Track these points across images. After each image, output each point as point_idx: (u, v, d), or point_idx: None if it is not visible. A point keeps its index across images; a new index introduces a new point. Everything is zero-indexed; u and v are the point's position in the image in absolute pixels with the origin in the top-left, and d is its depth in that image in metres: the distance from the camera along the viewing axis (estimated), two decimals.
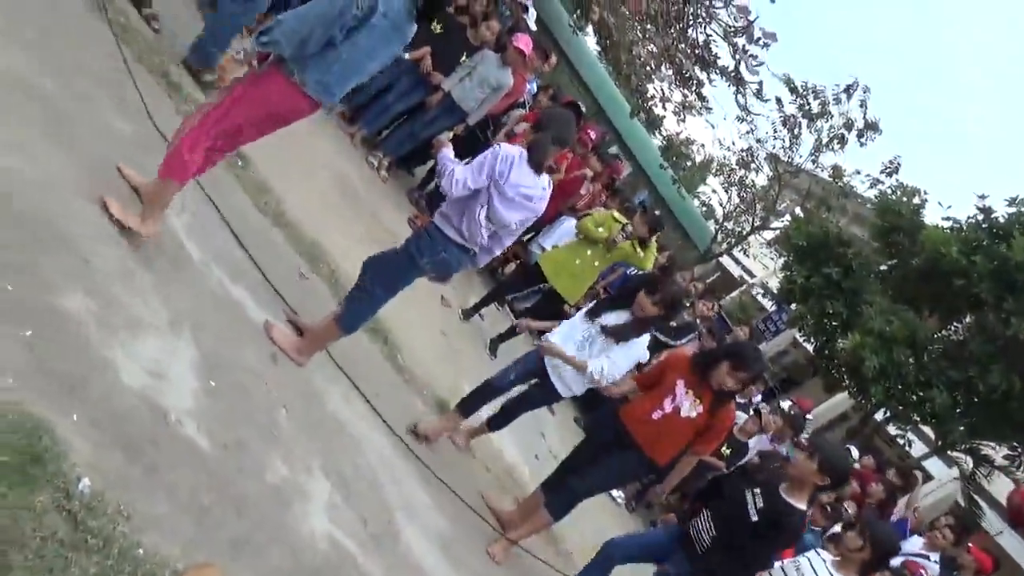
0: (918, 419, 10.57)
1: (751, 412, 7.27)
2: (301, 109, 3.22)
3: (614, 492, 7.11)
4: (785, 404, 8.03)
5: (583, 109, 8.97)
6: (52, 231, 2.72)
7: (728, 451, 6.87)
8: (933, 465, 12.54)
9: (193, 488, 2.45)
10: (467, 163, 3.66)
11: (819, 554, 3.96)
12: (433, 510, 3.83)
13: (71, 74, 3.60)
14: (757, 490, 3.85)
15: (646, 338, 4.45)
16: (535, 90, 8.45)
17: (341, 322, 3.65)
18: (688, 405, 4.04)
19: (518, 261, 8.15)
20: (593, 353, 4.32)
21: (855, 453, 9.15)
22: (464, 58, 6.91)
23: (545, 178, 3.77)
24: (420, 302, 5.75)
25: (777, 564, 3.94)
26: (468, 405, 4.50)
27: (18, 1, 3.64)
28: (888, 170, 13.20)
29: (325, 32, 3.04)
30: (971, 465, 10.85)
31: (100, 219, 3.01)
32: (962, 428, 10.01)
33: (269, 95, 3.14)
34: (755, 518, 3.78)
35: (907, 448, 11.62)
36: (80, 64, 3.73)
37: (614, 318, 4.37)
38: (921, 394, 9.84)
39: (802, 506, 3.81)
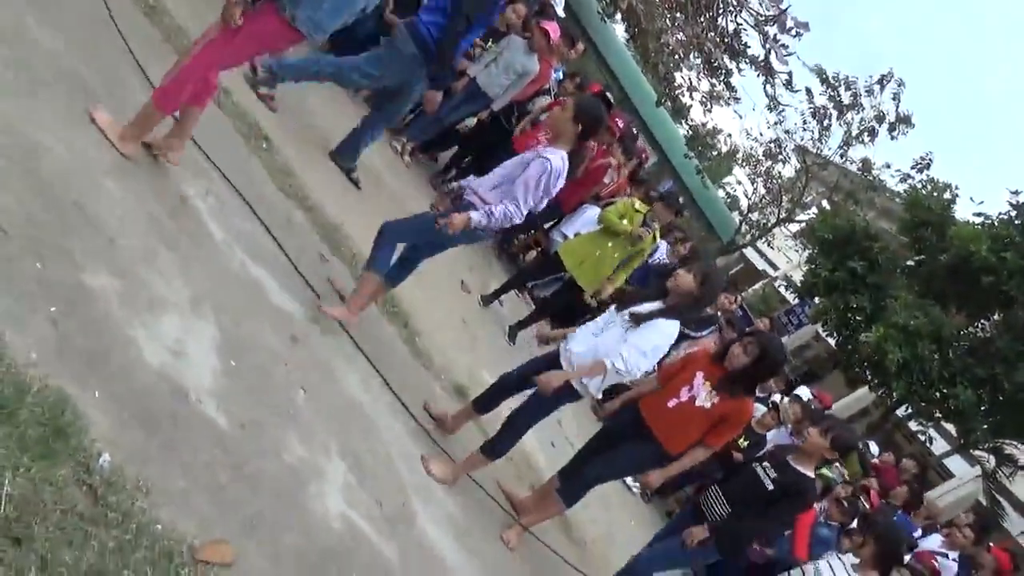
0: (940, 416, 10.47)
1: (769, 405, 7.22)
2: (288, 42, 3.37)
3: (629, 481, 7.12)
4: (803, 392, 7.96)
5: (611, 100, 8.91)
6: (81, 210, 2.77)
7: (746, 443, 6.83)
8: (955, 463, 12.41)
9: (210, 466, 2.49)
10: (495, 187, 3.83)
11: (838, 558, 4.02)
12: (448, 494, 3.85)
13: (105, 57, 3.64)
14: (766, 463, 4.17)
15: (671, 325, 4.03)
16: (561, 77, 8.40)
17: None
18: (704, 395, 4.02)
19: (539, 249, 8.14)
20: (610, 338, 4.00)
21: (874, 448, 9.08)
22: (490, 43, 6.88)
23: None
24: (440, 288, 5.77)
25: (795, 571, 4.03)
26: (486, 402, 4.29)
27: None
28: (919, 166, 12.99)
29: None
30: (994, 464, 10.72)
31: (125, 197, 3.05)
32: (985, 426, 9.90)
33: (262, 33, 3.25)
34: (771, 487, 4.09)
35: (928, 445, 11.51)
36: (112, 46, 3.78)
37: (647, 307, 4.12)
38: (945, 391, 9.74)
39: (810, 473, 4.18)
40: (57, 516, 1.87)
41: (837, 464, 7.55)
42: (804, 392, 8.03)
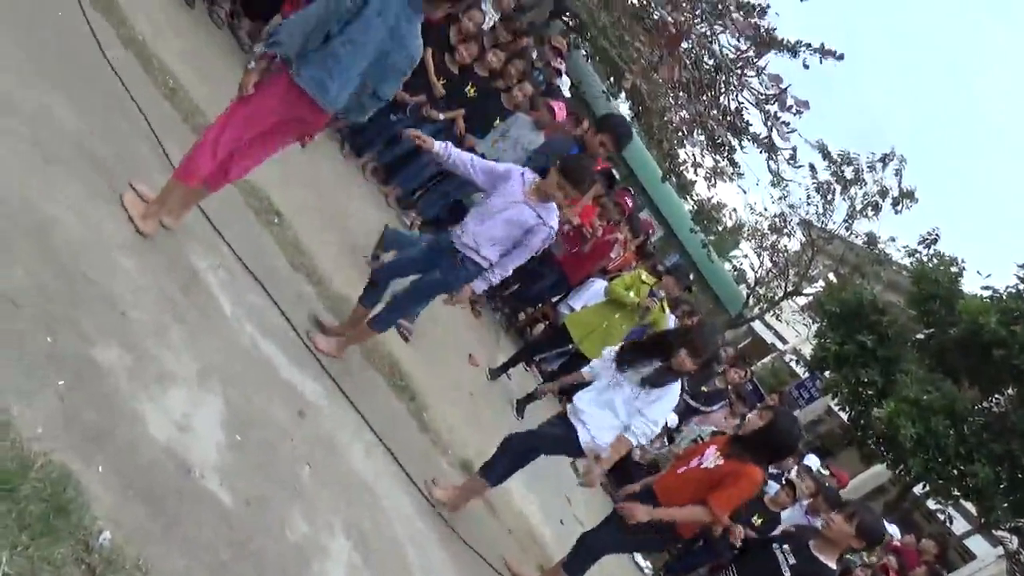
0: (959, 494, 10.20)
1: (783, 483, 7.06)
2: (302, 112, 3.30)
3: (641, 561, 6.92)
4: (811, 461, 7.79)
5: (616, 176, 9.07)
6: (93, 284, 2.80)
7: (760, 520, 6.65)
8: (976, 543, 12.04)
9: (213, 543, 2.44)
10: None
11: None
12: (454, 572, 3.75)
13: (124, 137, 3.75)
14: (786, 546, 3.89)
15: (677, 388, 4.28)
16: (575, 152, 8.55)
17: (374, 325, 4.05)
18: (711, 459, 3.98)
19: (547, 322, 8.14)
20: (618, 402, 4.13)
21: (896, 531, 8.82)
22: (497, 121, 7.05)
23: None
24: (448, 360, 5.76)
25: None
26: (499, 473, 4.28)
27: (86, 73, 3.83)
28: (927, 241, 13.07)
29: (322, 29, 3.15)
30: (1016, 544, 10.38)
31: (138, 272, 3.08)
32: (1006, 505, 9.63)
33: (271, 95, 3.25)
34: (787, 574, 3.80)
35: (948, 524, 11.19)
36: (132, 126, 3.89)
37: (647, 369, 4.24)
38: (962, 467, 9.53)
39: (832, 564, 3.84)
40: None
41: None
42: (813, 461, 7.87)
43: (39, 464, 2.03)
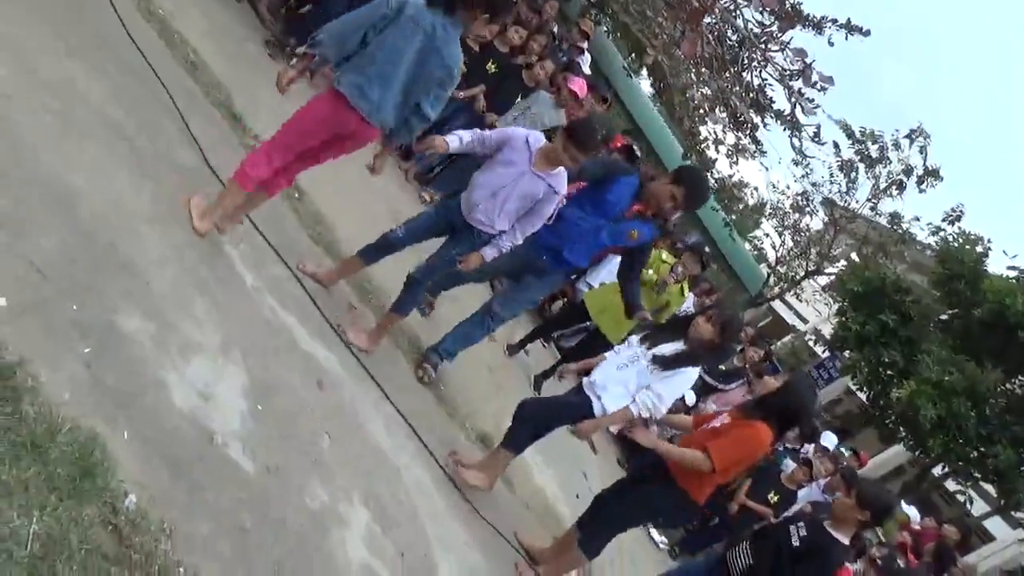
0: (979, 476, 10.14)
1: (801, 461, 7.06)
2: (351, 127, 3.36)
3: (656, 537, 6.96)
4: (828, 439, 7.77)
5: (638, 153, 9.00)
6: (117, 253, 2.84)
7: (776, 498, 6.67)
8: (995, 525, 11.97)
9: (234, 509, 2.49)
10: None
11: None
12: (470, 545, 3.80)
13: (147, 109, 3.78)
14: (801, 523, 4.05)
15: (693, 373, 4.24)
16: None
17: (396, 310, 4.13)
18: (719, 422, 4.00)
19: (565, 298, 8.14)
20: (634, 375, 4.11)
21: (915, 514, 8.79)
22: (518, 98, 7.02)
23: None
24: None
25: None
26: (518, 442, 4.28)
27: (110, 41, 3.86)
28: (951, 218, 12.88)
29: (359, 32, 3.24)
30: None
31: (161, 243, 3.13)
32: None
33: (321, 108, 3.35)
34: (796, 543, 3.94)
35: (968, 506, 11.13)
36: (154, 99, 3.92)
37: (669, 348, 4.20)
38: (983, 449, 9.46)
39: (844, 540, 3.97)
40: (82, 556, 1.87)
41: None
42: (831, 440, 7.85)
43: (67, 428, 2.08)
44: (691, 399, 7.40)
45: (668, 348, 4.16)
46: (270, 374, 3.18)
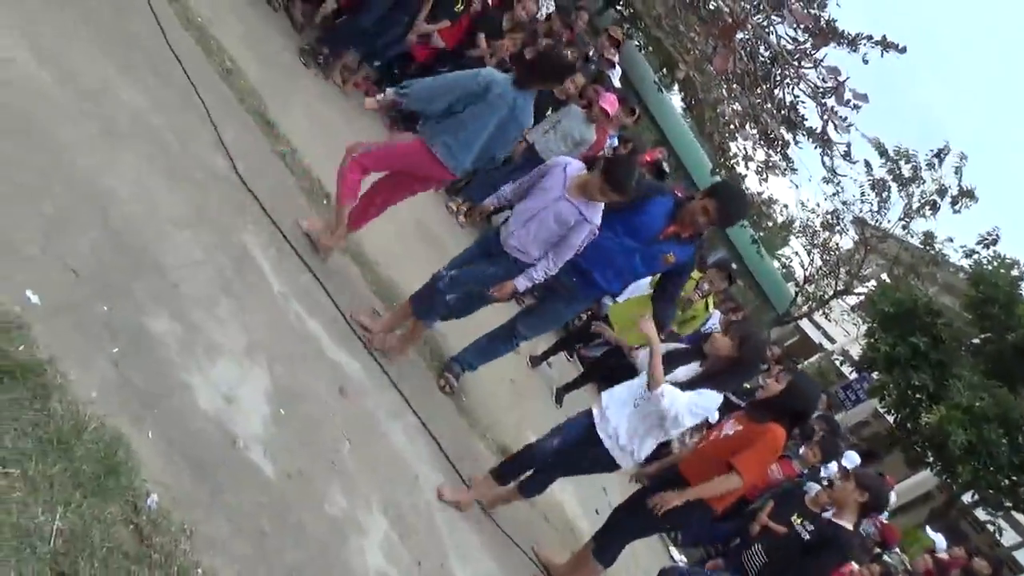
0: (1010, 505, 9.90)
1: (823, 483, 6.94)
2: (432, 169, 3.90)
3: (676, 555, 6.88)
4: (850, 459, 7.65)
5: (666, 169, 8.97)
6: (148, 256, 2.89)
7: (799, 520, 6.56)
8: None
9: (254, 513, 2.51)
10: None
11: None
12: (487, 556, 3.79)
13: (182, 115, 3.86)
14: (804, 520, 4.41)
15: (715, 396, 3.87)
16: (616, 143, 8.50)
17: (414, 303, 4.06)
18: (729, 428, 3.95)
19: (589, 312, 8.11)
20: (649, 412, 3.82)
21: (942, 541, 8.59)
22: (549, 111, 7.03)
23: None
24: None
25: None
26: (506, 471, 4.03)
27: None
28: (986, 241, 12.65)
29: (446, 97, 3.76)
30: None
31: (191, 247, 3.17)
32: None
33: (410, 152, 3.89)
34: (807, 537, 4.21)
35: (997, 536, 10.88)
36: (187, 104, 3.99)
37: (684, 372, 4.03)
38: (1014, 478, 9.24)
39: (849, 526, 4.19)
40: (103, 553, 1.90)
41: (897, 551, 7.19)
42: (853, 459, 7.72)
43: (93, 427, 2.11)
44: (714, 417, 7.32)
45: (682, 372, 3.97)
46: (294, 380, 3.21)
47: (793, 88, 10.34)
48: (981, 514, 11.18)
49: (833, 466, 7.44)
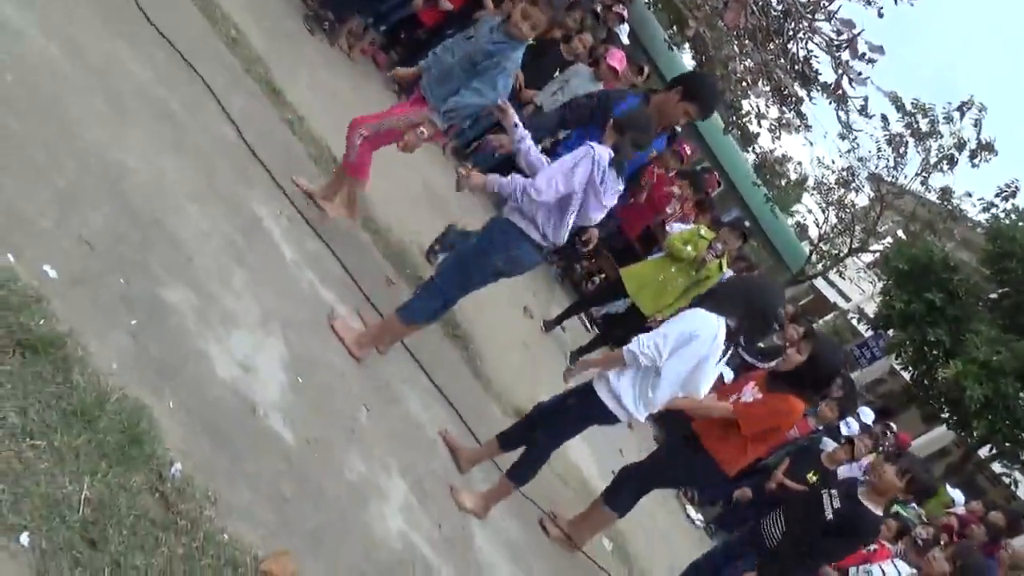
0: None
1: (842, 440, 6.96)
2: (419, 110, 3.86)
3: (693, 514, 6.95)
4: (865, 414, 7.66)
5: (678, 129, 8.85)
6: (162, 228, 2.90)
7: (815, 477, 6.60)
8: None
9: (275, 479, 2.55)
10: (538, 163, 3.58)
11: (895, 565, 3.91)
12: (506, 517, 3.84)
13: (189, 87, 3.83)
14: (834, 491, 4.05)
15: (706, 317, 3.52)
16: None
17: (401, 313, 3.56)
18: (749, 394, 3.96)
19: (603, 276, 8.11)
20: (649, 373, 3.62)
21: (960, 497, 8.62)
22: (557, 72, 6.95)
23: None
24: (503, 312, 5.80)
25: (851, 569, 3.98)
26: (512, 437, 3.86)
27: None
28: (1004, 194, 12.45)
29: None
30: None
31: (203, 218, 3.18)
32: None
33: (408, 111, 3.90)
34: (830, 516, 3.94)
35: (1013, 488, 10.91)
36: (193, 75, 3.97)
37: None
38: None
39: (878, 511, 3.99)
40: (131, 521, 1.93)
41: (914, 505, 7.22)
42: (867, 415, 7.72)
43: (115, 398, 2.14)
44: (729, 376, 7.34)
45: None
46: (309, 348, 3.23)
47: (807, 42, 10.13)
48: (997, 467, 11.20)
49: (854, 424, 7.45)
